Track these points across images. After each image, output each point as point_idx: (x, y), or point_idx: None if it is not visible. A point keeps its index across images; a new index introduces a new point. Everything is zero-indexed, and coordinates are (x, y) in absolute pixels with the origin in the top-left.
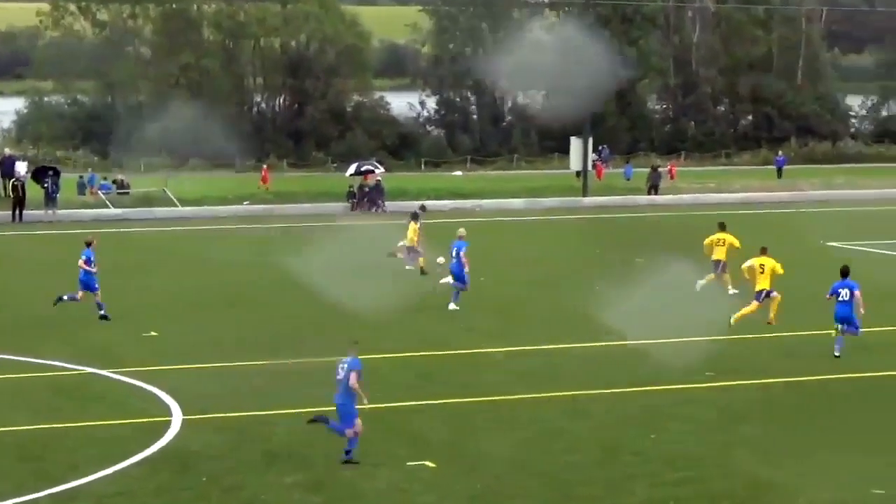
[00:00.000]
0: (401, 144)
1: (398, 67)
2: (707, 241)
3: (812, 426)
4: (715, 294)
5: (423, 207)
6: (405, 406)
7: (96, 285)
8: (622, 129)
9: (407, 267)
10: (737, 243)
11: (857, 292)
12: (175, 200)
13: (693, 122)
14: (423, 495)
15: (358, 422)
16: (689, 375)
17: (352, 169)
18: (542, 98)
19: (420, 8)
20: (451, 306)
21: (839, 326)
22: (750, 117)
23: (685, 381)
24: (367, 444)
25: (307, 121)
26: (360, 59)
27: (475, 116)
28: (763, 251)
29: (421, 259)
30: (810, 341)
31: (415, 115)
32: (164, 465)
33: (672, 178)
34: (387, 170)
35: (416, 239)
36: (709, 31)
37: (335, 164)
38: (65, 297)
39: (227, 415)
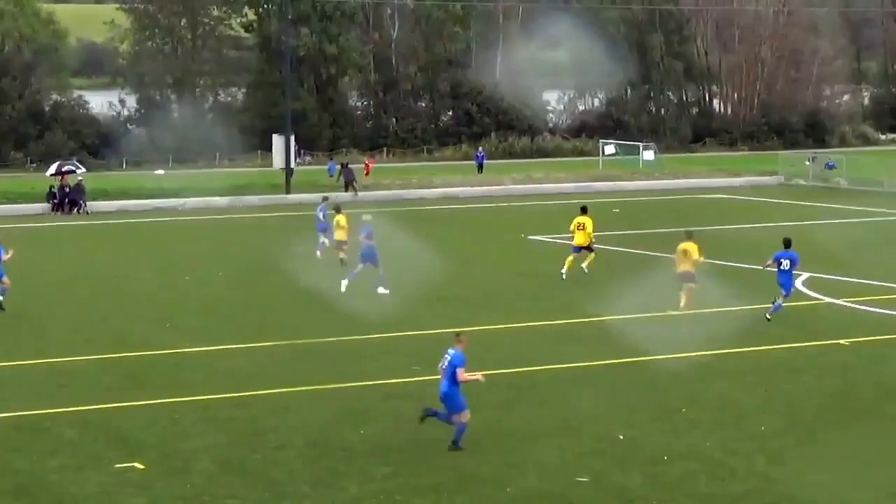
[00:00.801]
0: (101, 144)
1: (97, 66)
2: (572, 225)
3: (516, 416)
4: (419, 287)
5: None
6: (112, 408)
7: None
8: (324, 126)
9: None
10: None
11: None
12: None
13: (395, 119)
14: (133, 498)
15: (466, 412)
16: (396, 370)
17: (52, 169)
18: (244, 95)
19: (118, 6)
20: (381, 290)
21: (781, 292)
22: (450, 113)
23: (391, 375)
24: (74, 447)
25: (4, 121)
26: (57, 58)
27: (176, 114)
28: (689, 236)
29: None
30: (513, 333)
31: (115, 113)
32: None
33: (367, 174)
34: (88, 169)
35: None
36: (408, 28)
37: (34, 165)
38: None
39: None
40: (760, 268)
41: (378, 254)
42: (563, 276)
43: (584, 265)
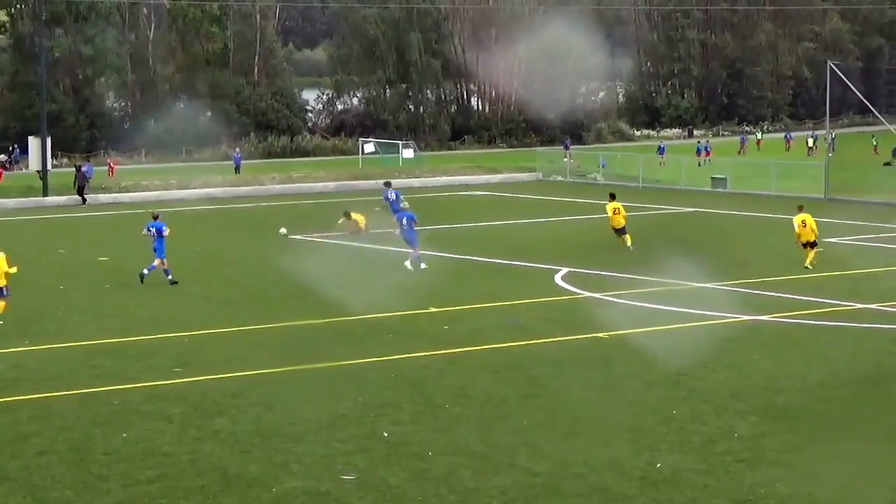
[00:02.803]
0: None
1: None
2: (609, 211)
3: (280, 415)
4: (182, 288)
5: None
6: None
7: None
8: (81, 128)
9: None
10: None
11: None
12: None
13: (153, 120)
14: None
15: None
16: (159, 372)
17: None
18: None
19: None
20: (408, 265)
21: None
22: (209, 114)
23: (154, 378)
24: None
25: None
26: None
27: None
28: (800, 209)
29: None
30: (279, 332)
31: None
32: None
33: (111, 175)
34: None
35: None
36: (165, 28)
37: None
38: (146, 272)
39: None
40: None
41: (417, 236)
42: (631, 248)
43: (628, 244)
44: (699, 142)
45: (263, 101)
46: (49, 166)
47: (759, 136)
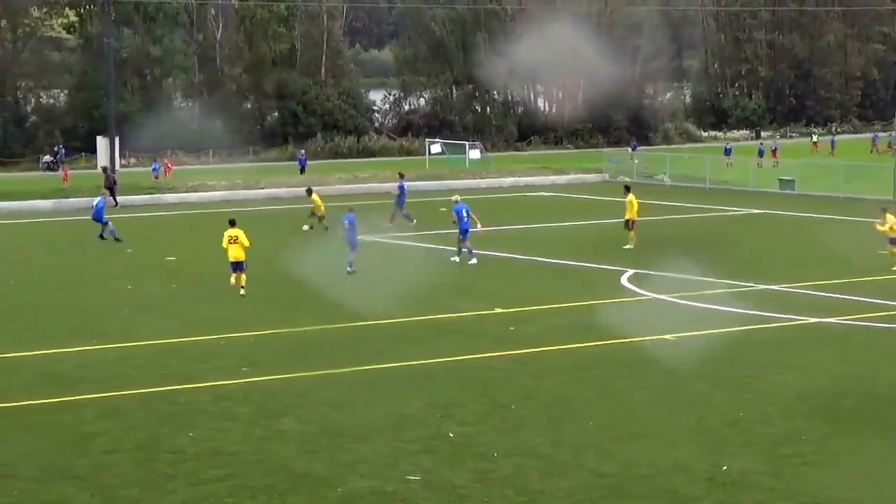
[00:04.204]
0: None
1: None
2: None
3: (347, 415)
4: (249, 288)
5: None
6: None
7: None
8: (149, 128)
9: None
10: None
11: None
12: None
13: (220, 120)
14: None
15: None
16: (224, 372)
17: None
18: (67, 97)
19: None
20: (473, 261)
21: None
22: (276, 114)
23: (219, 377)
24: None
25: None
26: None
27: None
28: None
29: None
30: (344, 332)
31: None
32: None
33: (168, 175)
34: None
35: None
36: (232, 28)
37: None
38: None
39: None
40: None
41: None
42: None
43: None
44: (761, 143)
45: (330, 102)
46: (118, 166)
47: (814, 138)
